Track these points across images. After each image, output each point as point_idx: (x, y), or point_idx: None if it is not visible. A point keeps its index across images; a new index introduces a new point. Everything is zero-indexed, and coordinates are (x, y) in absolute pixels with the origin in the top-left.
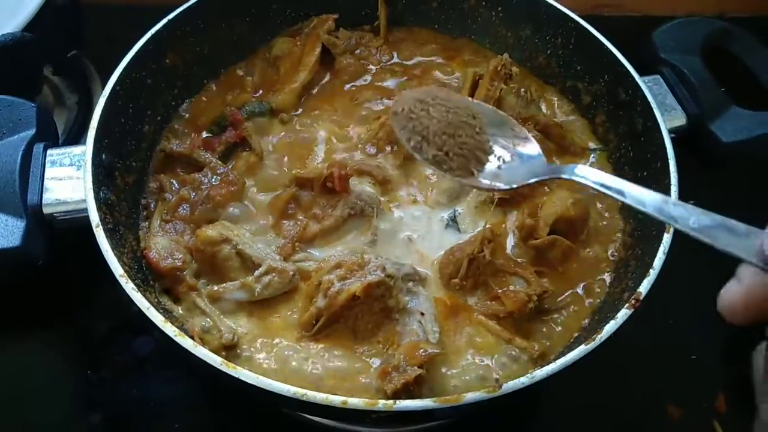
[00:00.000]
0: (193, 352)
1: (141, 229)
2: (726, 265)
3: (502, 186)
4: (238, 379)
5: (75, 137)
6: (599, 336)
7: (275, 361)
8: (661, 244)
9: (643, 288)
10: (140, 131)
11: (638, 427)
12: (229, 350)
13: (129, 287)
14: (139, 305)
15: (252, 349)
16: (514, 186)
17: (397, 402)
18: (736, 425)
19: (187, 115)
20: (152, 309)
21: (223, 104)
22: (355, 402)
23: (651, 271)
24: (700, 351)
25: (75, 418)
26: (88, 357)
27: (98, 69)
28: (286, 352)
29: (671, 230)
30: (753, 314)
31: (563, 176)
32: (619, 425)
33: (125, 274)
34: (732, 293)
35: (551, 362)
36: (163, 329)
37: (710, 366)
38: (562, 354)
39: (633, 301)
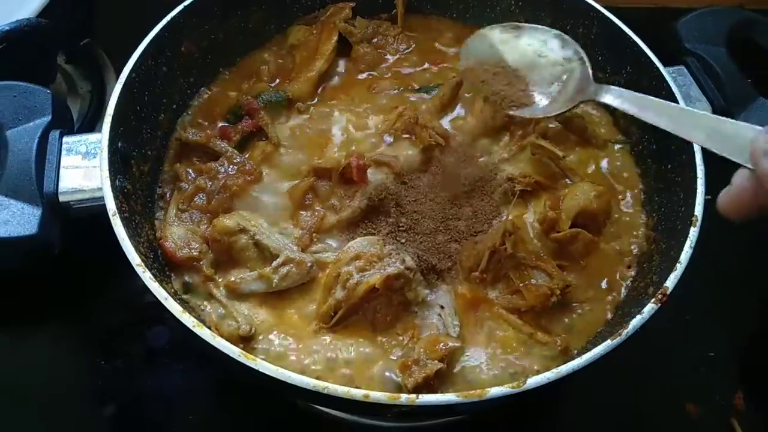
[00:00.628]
0: (211, 343)
1: (157, 218)
2: (745, 261)
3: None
4: (256, 371)
5: (88, 126)
6: (625, 331)
7: (293, 351)
8: (688, 238)
9: (670, 282)
10: (156, 119)
11: (656, 424)
12: (246, 341)
13: (146, 276)
14: (156, 295)
15: (269, 340)
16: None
17: (420, 396)
18: (755, 423)
19: (203, 104)
20: (170, 299)
21: (238, 93)
22: (378, 396)
23: (678, 265)
24: (718, 348)
25: (88, 408)
26: (102, 347)
27: (111, 57)
28: (303, 344)
29: (698, 224)
30: (746, 212)
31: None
32: (636, 423)
33: (142, 264)
34: (724, 196)
35: (574, 357)
36: (181, 320)
37: (728, 363)
38: (586, 349)
39: (660, 296)
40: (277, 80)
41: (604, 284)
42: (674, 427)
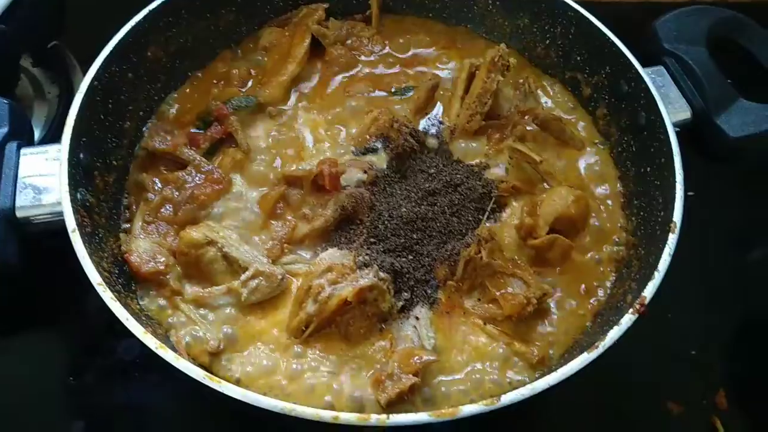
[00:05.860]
0: (175, 365)
1: (122, 230)
2: (727, 260)
3: None
4: (221, 393)
5: (56, 133)
6: (602, 343)
7: (263, 367)
8: (666, 245)
9: (648, 292)
10: (121, 128)
11: (637, 423)
12: (216, 356)
13: (107, 297)
14: (118, 315)
15: (240, 354)
16: None
17: (391, 416)
18: (737, 421)
19: (171, 111)
20: (131, 320)
21: (208, 98)
22: (347, 417)
23: (656, 273)
24: (700, 346)
25: (57, 427)
26: (71, 362)
27: (80, 60)
28: (275, 357)
29: (677, 230)
30: None
31: None
32: (617, 422)
33: (103, 282)
34: None
35: (552, 367)
36: (143, 341)
37: (710, 361)
38: (563, 358)
39: (638, 306)
40: (248, 84)
41: (582, 290)
42: (656, 426)
